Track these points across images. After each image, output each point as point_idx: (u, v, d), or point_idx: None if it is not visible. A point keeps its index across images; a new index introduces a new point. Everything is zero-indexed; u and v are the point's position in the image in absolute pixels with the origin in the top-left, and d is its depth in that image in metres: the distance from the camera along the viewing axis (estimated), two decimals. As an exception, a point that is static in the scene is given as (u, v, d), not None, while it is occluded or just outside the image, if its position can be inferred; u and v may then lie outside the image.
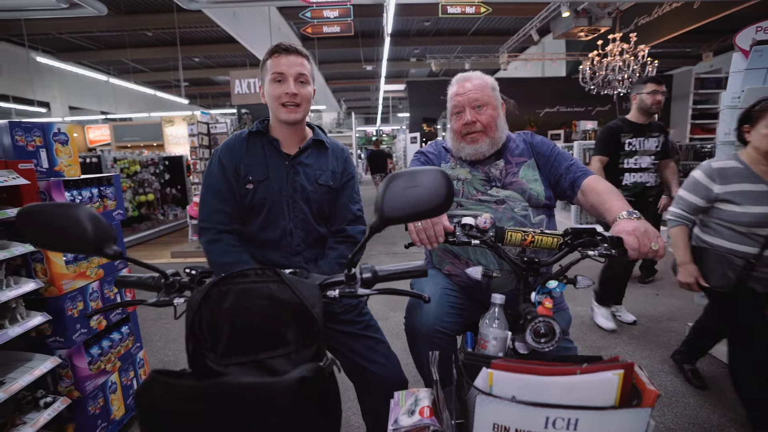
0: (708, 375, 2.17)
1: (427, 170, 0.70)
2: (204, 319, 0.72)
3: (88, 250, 0.72)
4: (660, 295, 3.31)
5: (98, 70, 12.21)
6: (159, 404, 0.62)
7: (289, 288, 0.73)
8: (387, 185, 0.69)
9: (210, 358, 0.73)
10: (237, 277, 0.74)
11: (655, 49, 8.15)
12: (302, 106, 1.22)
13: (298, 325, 0.73)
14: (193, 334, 0.72)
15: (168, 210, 6.96)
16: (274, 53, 1.20)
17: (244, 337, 0.72)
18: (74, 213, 0.70)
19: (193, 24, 9.22)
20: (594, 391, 0.68)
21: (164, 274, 0.81)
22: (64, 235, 0.70)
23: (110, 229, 0.74)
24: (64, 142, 1.66)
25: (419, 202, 0.69)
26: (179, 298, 0.81)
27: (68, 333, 1.58)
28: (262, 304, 0.73)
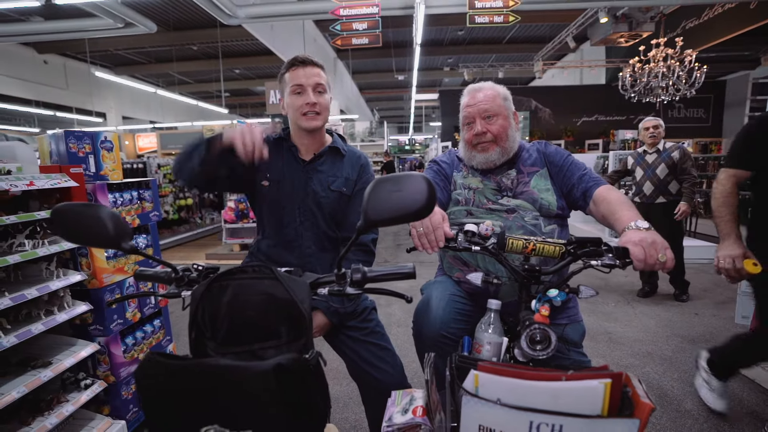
0: (746, 404, 2.02)
1: (410, 175, 0.73)
2: (206, 310, 0.79)
3: (108, 245, 0.82)
4: (699, 315, 3.10)
5: (148, 82, 13.17)
6: (153, 381, 0.70)
7: (282, 285, 0.78)
8: (372, 189, 0.73)
9: (210, 346, 0.79)
10: (236, 273, 0.81)
11: (706, 54, 7.69)
12: (322, 114, 1.29)
13: (288, 320, 0.78)
14: (195, 324, 0.79)
15: (205, 214, 7.34)
16: (292, 66, 1.28)
17: (241, 328, 0.78)
18: (97, 212, 0.80)
19: (234, 38, 9.75)
20: (580, 398, 0.67)
21: (175, 269, 0.89)
22: (89, 231, 0.80)
23: (128, 227, 0.84)
24: (110, 149, 1.83)
25: (402, 206, 0.72)
26: (187, 291, 0.88)
27: (106, 322, 1.73)
28: (257, 299, 0.78)
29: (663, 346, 2.61)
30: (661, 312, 3.15)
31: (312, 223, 1.32)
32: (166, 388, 0.69)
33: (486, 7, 4.26)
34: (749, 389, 2.13)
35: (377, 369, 1.29)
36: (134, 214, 1.91)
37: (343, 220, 1.39)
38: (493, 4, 4.23)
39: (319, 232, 1.34)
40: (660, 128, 3.35)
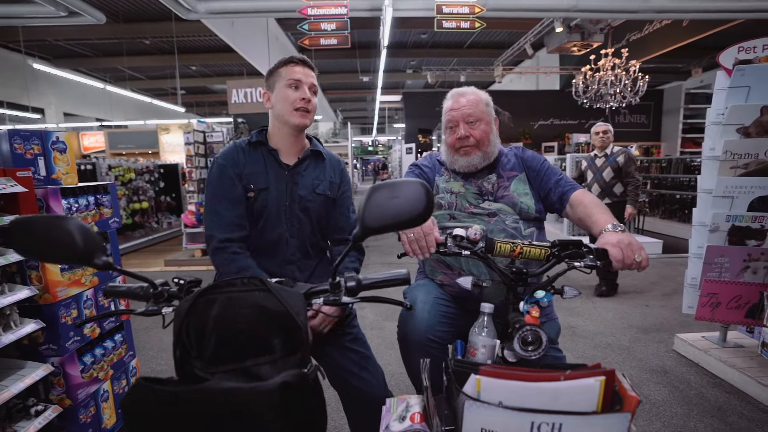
0: (694, 386, 2.21)
1: (407, 182, 0.73)
2: (191, 327, 0.73)
3: (78, 261, 0.74)
4: (650, 307, 3.35)
5: (94, 77, 12.23)
6: (145, 411, 0.63)
7: (275, 296, 0.74)
8: (369, 196, 0.72)
9: (197, 365, 0.73)
10: (223, 286, 0.75)
11: (646, 65, 8.35)
12: (311, 113, 1.29)
13: (283, 333, 0.74)
14: (180, 342, 0.73)
15: (162, 218, 6.93)
16: (290, 62, 1.26)
17: (230, 345, 0.73)
18: (64, 224, 0.71)
19: (191, 33, 9.30)
20: (577, 396, 0.70)
21: (153, 283, 0.82)
22: (55, 247, 0.71)
23: (99, 240, 0.76)
24: (63, 151, 1.67)
25: (399, 213, 0.71)
26: (167, 308, 0.82)
27: (61, 341, 1.58)
28: (248, 312, 0.74)
29: (620, 337, 2.80)
30: (617, 306, 3.38)
31: (298, 229, 1.29)
32: (160, 418, 0.63)
33: (453, 12, 4.37)
34: (695, 372, 2.33)
35: (359, 378, 1.28)
36: (92, 221, 1.76)
37: (328, 224, 1.38)
38: (459, 10, 4.35)
39: (304, 238, 1.31)
40: (609, 133, 3.62)
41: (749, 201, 2.24)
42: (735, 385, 2.18)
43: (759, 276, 2.25)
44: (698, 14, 5.85)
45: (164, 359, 2.64)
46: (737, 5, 5.77)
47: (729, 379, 2.23)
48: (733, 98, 2.25)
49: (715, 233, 2.27)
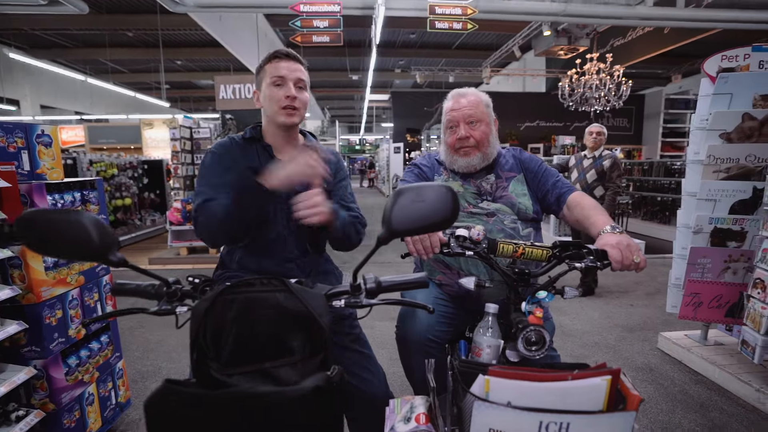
0: (678, 383, 2.27)
1: (433, 186, 0.73)
2: (208, 327, 0.72)
3: (92, 257, 0.71)
4: (634, 306, 3.44)
5: (74, 68, 11.83)
6: (169, 414, 0.62)
7: (296, 297, 0.73)
8: (395, 199, 0.72)
9: (213, 367, 0.72)
10: (242, 286, 0.74)
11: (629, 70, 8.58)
12: (300, 110, 1.24)
13: (304, 335, 0.73)
14: (197, 344, 0.72)
15: (145, 215, 6.76)
16: (275, 58, 1.22)
17: (249, 346, 0.72)
18: (78, 219, 0.69)
19: (177, 26, 9.09)
20: (584, 395, 0.71)
21: (166, 282, 0.81)
22: (68, 242, 0.68)
23: (114, 235, 0.73)
24: (48, 144, 1.61)
25: (426, 216, 0.72)
26: (181, 307, 0.80)
27: (45, 342, 1.52)
28: (268, 313, 0.73)
29: (607, 336, 2.86)
30: (603, 305, 3.45)
31: (297, 225, 1.26)
32: (185, 421, 0.61)
33: (446, 13, 4.39)
34: (678, 370, 2.40)
35: (361, 378, 1.26)
36: (77, 218, 1.70)
37: None
38: (452, 11, 4.37)
39: (302, 235, 1.28)
40: (602, 135, 3.69)
41: (730, 204, 2.32)
42: (716, 382, 2.25)
43: (738, 276, 2.33)
44: (679, 22, 6.03)
45: (150, 360, 2.58)
46: (715, 15, 5.97)
47: (710, 376, 2.30)
48: (716, 105, 2.32)
49: (698, 235, 2.35)
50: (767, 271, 1.98)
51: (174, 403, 0.62)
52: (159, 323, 3.15)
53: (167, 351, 2.70)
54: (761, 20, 6.04)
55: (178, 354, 2.66)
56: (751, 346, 2.04)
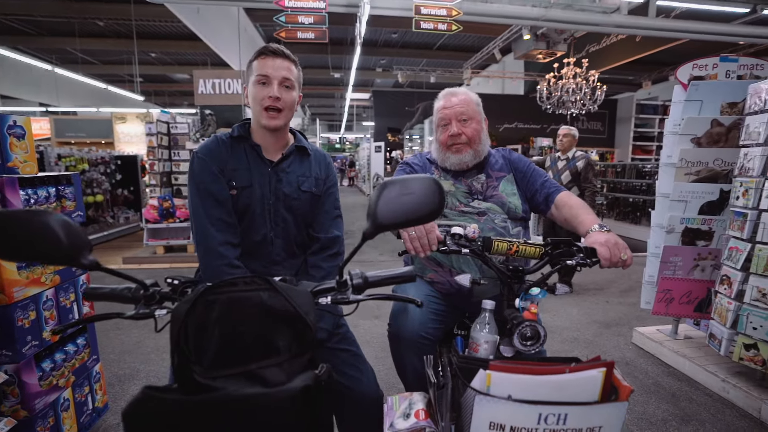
0: (651, 375, 2.38)
1: (419, 178, 0.73)
2: (189, 330, 0.69)
3: (62, 261, 0.66)
4: (610, 303, 3.58)
5: (38, 57, 11.21)
6: (152, 424, 0.59)
7: (282, 296, 0.71)
8: (380, 192, 0.71)
9: (196, 370, 0.69)
10: (224, 286, 0.72)
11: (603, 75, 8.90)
12: (284, 111, 1.19)
13: (290, 334, 0.71)
14: (178, 347, 0.69)
15: (118, 213, 6.50)
16: (261, 54, 1.17)
17: (233, 347, 0.70)
18: (45, 220, 0.64)
19: (152, 17, 8.77)
20: (581, 387, 0.74)
21: (143, 284, 0.77)
22: (33, 245, 0.64)
23: (85, 236, 0.69)
24: (21, 137, 1.53)
25: (412, 209, 0.71)
26: (161, 310, 0.77)
27: (17, 346, 1.44)
28: (252, 312, 0.71)
29: (585, 331, 2.96)
30: (580, 302, 3.57)
31: (283, 229, 1.24)
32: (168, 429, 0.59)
33: (431, 14, 4.42)
34: (652, 363, 2.52)
35: (350, 377, 1.25)
36: (53, 214, 1.62)
37: (313, 222, 1.34)
38: (437, 12, 4.41)
39: (289, 238, 1.26)
40: (569, 136, 3.80)
41: (700, 205, 2.44)
42: (686, 374, 2.38)
43: (706, 273, 2.47)
44: (650, 31, 6.31)
45: (127, 363, 2.49)
46: (683, 26, 6.30)
47: (681, 368, 2.43)
48: (688, 111, 2.44)
49: (671, 234, 2.46)
50: (733, 269, 2.10)
51: (155, 411, 0.59)
52: (135, 325, 3.04)
53: (145, 353, 2.61)
54: (725, 33, 6.40)
55: (156, 356, 2.57)
56: (718, 339, 2.17)
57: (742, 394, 2.06)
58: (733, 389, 2.11)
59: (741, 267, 2.05)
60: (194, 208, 1.18)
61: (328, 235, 1.31)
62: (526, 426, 0.73)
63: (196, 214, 1.17)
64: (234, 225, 1.19)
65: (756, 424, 1.93)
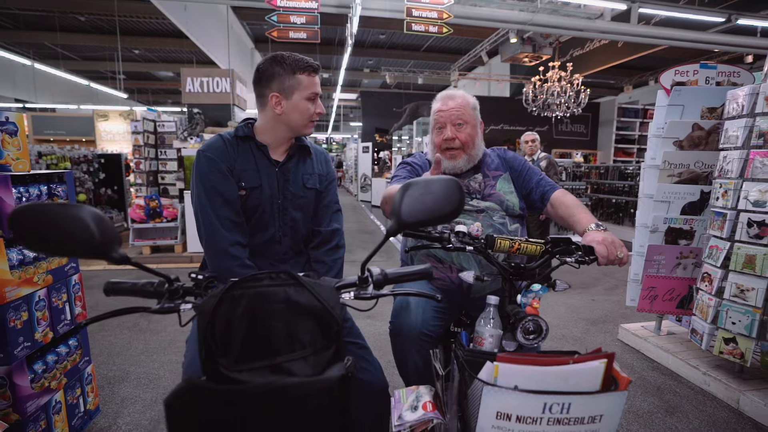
0: (637, 370, 2.47)
1: (440, 179, 0.76)
2: (216, 324, 0.71)
3: (94, 254, 0.67)
4: (595, 300, 3.68)
5: (14, 51, 10.83)
6: (193, 413, 0.60)
7: (308, 290, 0.74)
8: (404, 193, 0.74)
9: (222, 364, 0.71)
10: (250, 281, 0.74)
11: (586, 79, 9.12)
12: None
13: (316, 328, 0.74)
14: (205, 341, 0.70)
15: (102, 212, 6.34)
16: (313, 71, 1.23)
17: (259, 341, 0.72)
18: (78, 213, 0.65)
19: (136, 13, 8.58)
20: (583, 378, 0.78)
21: (168, 279, 0.78)
22: (66, 239, 0.64)
23: (115, 230, 0.70)
24: (13, 133, 1.49)
25: (433, 209, 0.74)
26: (185, 305, 0.78)
27: (9, 348, 1.41)
28: (278, 307, 0.73)
29: (573, 328, 3.04)
30: (567, 300, 3.67)
31: (291, 227, 1.27)
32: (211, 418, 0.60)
33: (422, 16, 4.47)
34: (637, 358, 2.61)
35: (360, 368, 1.28)
36: (45, 213, 1.59)
37: (314, 216, 1.36)
38: (428, 14, 4.46)
39: (297, 236, 1.29)
40: (537, 141, 4.06)
41: (682, 205, 2.54)
42: (669, 368, 2.47)
43: (688, 271, 2.57)
44: (631, 37, 6.52)
45: (116, 364, 2.44)
46: (663, 33, 6.53)
47: (664, 362, 2.52)
48: (671, 115, 2.54)
49: (654, 233, 2.56)
50: (713, 266, 2.20)
51: (196, 401, 0.61)
52: (124, 326, 2.99)
53: (134, 354, 2.57)
54: (702, 40, 6.66)
55: (147, 357, 2.53)
56: (700, 334, 2.26)
57: (722, 386, 2.16)
58: (714, 382, 2.20)
59: (721, 265, 2.14)
60: (202, 208, 1.18)
61: (328, 228, 1.34)
62: (531, 415, 0.76)
63: (204, 214, 1.17)
64: (242, 225, 1.20)
65: (735, 414, 2.03)
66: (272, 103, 1.22)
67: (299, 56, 1.24)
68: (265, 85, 1.22)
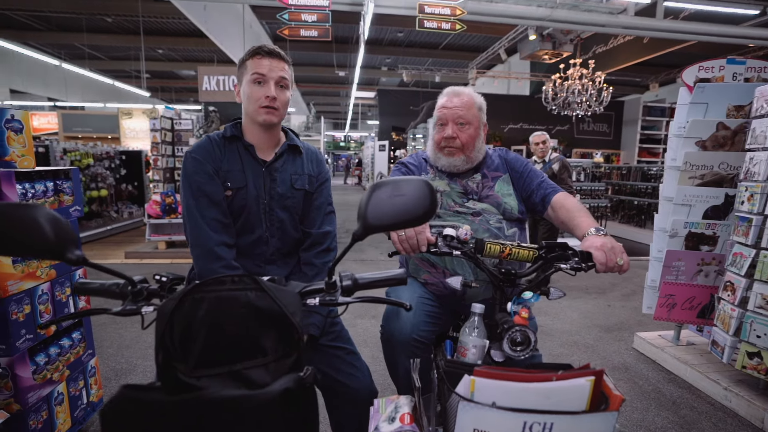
0: (652, 381, 2.35)
1: (411, 179, 0.72)
2: (175, 328, 0.68)
3: (48, 255, 0.66)
4: (611, 306, 3.54)
5: (47, 52, 11.32)
6: (129, 423, 0.58)
7: (269, 295, 0.71)
8: (371, 194, 0.70)
9: (180, 369, 0.69)
10: (212, 284, 0.71)
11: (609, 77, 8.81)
12: (280, 110, 1.20)
13: (277, 334, 0.71)
14: (163, 345, 0.68)
15: (122, 207, 6.55)
16: (257, 54, 1.17)
17: (219, 347, 0.69)
18: (31, 214, 0.64)
19: (159, 14, 8.81)
20: (568, 396, 0.72)
21: (131, 280, 0.76)
22: (21, 239, 0.64)
23: (73, 231, 0.69)
24: (18, 131, 1.53)
25: (403, 211, 0.70)
26: (147, 307, 0.76)
27: (11, 340, 1.44)
28: (239, 312, 0.70)
29: (585, 335, 2.93)
30: (581, 305, 3.54)
31: (278, 228, 1.24)
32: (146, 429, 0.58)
33: (435, 13, 4.40)
34: (653, 369, 2.48)
35: (347, 375, 1.25)
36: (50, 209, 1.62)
37: (305, 218, 1.33)
38: (441, 11, 4.38)
39: (285, 237, 1.26)
40: (548, 142, 3.81)
41: (704, 209, 2.40)
42: (687, 381, 2.34)
43: (710, 279, 2.43)
44: (658, 33, 6.23)
45: (125, 357, 2.50)
46: (691, 28, 6.20)
47: (682, 374, 2.39)
48: (693, 113, 2.40)
49: (674, 238, 2.42)
50: (737, 275, 2.06)
51: (133, 411, 0.58)
52: (134, 320, 3.05)
53: (143, 348, 2.62)
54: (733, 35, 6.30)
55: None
56: (721, 346, 2.13)
57: (744, 403, 2.02)
58: (736, 398, 2.07)
59: (745, 273, 2.01)
60: (188, 209, 1.17)
61: (319, 230, 1.30)
62: (510, 434, 0.71)
63: (190, 215, 1.17)
64: (229, 225, 1.19)
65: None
66: (236, 94, 1.24)
67: (257, 45, 1.20)
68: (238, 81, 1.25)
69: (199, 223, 1.15)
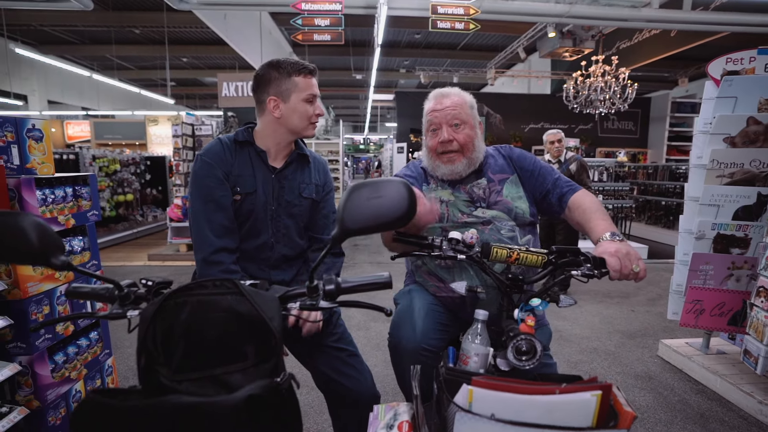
0: (678, 392, 2.22)
1: (389, 181, 0.70)
2: (158, 332, 0.69)
3: (33, 261, 0.69)
4: (635, 312, 3.39)
5: (81, 65, 11.90)
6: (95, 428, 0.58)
7: (248, 300, 0.70)
8: (348, 196, 0.69)
9: (162, 373, 0.69)
10: (194, 288, 0.71)
11: (634, 72, 8.49)
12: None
13: (256, 339, 0.70)
14: (145, 349, 0.68)
15: (147, 211, 6.77)
16: (308, 73, 1.22)
17: (200, 351, 0.69)
18: (15, 221, 0.67)
19: (183, 24, 9.11)
20: (572, 411, 0.68)
21: (118, 284, 0.77)
22: (6, 246, 0.67)
23: (58, 238, 0.71)
24: (39, 139, 1.59)
25: (381, 213, 0.68)
26: (133, 311, 0.77)
27: (31, 338, 1.50)
28: (220, 316, 0.70)
29: (606, 342, 2.81)
30: (603, 310, 3.40)
31: (284, 234, 1.26)
32: None
33: (448, 13, 4.35)
34: (679, 378, 2.35)
35: (348, 378, 1.24)
36: (68, 213, 1.68)
37: (313, 225, 1.35)
38: (454, 11, 4.33)
39: (289, 243, 1.28)
40: (563, 141, 3.62)
41: (734, 210, 2.26)
42: (717, 392, 2.20)
43: (742, 284, 2.28)
44: (686, 25, 5.96)
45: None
46: (722, 18, 5.89)
47: (711, 385, 2.25)
48: (720, 108, 2.27)
49: (700, 241, 2.30)
50: (771, 280, 1.93)
51: (99, 417, 0.58)
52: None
53: (161, 349, 2.68)
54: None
55: (171, 352, 2.64)
56: (754, 356, 1.99)
57: (780, 417, 1.89)
58: (771, 411, 1.93)
59: (780, 278, 1.88)
60: (195, 213, 1.19)
61: (329, 236, 1.31)
62: (510, 449, 0.67)
63: (196, 219, 1.19)
64: (234, 230, 1.20)
65: (796, 451, 1.76)
66: (270, 107, 1.21)
67: (295, 59, 1.23)
68: (263, 90, 1.22)
69: (204, 228, 1.16)
